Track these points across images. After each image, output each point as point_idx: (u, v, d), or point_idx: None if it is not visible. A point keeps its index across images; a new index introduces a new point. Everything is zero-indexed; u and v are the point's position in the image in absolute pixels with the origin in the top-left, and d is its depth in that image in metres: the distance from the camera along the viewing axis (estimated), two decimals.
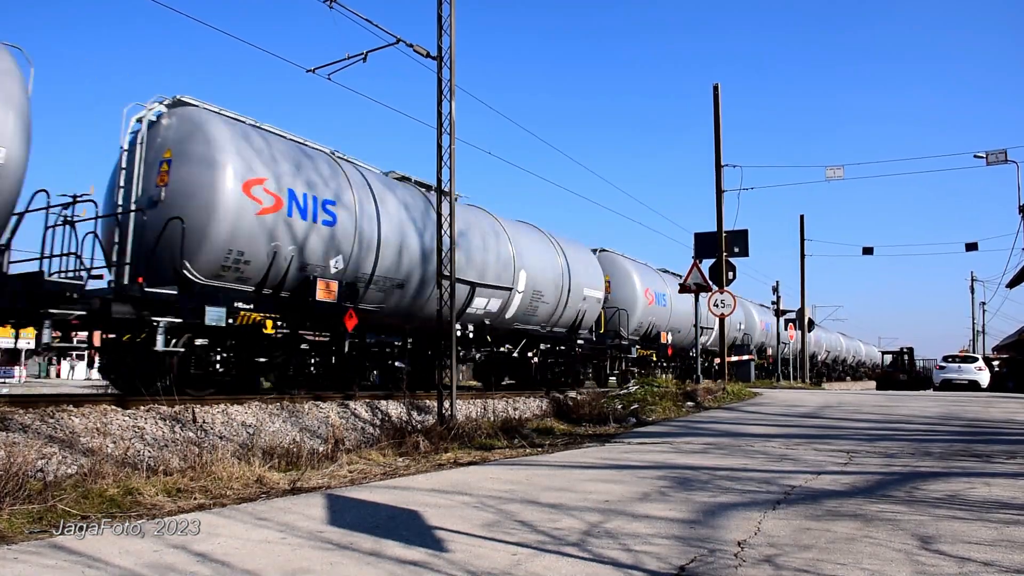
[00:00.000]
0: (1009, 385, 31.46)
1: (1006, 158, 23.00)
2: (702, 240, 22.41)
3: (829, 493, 5.61)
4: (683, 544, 3.99)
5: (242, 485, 5.89)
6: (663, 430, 10.97)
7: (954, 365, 31.74)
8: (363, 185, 14.20)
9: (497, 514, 4.77)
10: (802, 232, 38.01)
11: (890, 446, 8.70)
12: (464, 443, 9.24)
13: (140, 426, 9.17)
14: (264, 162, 12.07)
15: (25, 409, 8.66)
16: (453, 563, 3.62)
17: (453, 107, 11.72)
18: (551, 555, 3.78)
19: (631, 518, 4.66)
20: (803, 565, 3.56)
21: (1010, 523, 4.51)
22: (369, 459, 7.63)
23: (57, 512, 4.76)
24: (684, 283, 19.50)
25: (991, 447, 8.58)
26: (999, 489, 5.76)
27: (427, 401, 13.51)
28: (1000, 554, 3.77)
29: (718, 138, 23.19)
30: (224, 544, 3.93)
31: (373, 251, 13.83)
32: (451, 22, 11.73)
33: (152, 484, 5.54)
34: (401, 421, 11.33)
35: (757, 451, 8.25)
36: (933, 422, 12.12)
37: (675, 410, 14.10)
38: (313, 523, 4.46)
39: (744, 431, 10.85)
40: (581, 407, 13.78)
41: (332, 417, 11.44)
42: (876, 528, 4.36)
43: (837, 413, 13.74)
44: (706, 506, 5.05)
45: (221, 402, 10.75)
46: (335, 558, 3.69)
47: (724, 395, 17.51)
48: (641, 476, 6.44)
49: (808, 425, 11.67)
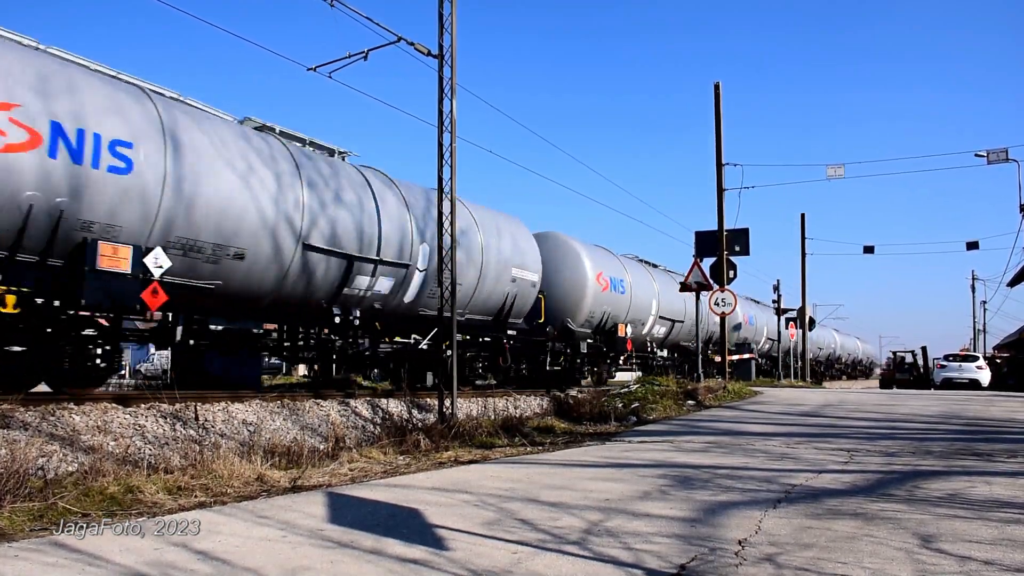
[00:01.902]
0: (1010, 383, 31.46)
1: (1007, 157, 22.98)
2: (703, 239, 22.41)
3: (830, 492, 5.61)
4: (684, 543, 3.99)
5: (243, 483, 5.90)
6: (664, 428, 10.97)
7: (955, 364, 31.74)
8: (188, 127, 10.86)
9: (498, 512, 4.77)
10: (803, 231, 37.99)
11: (891, 445, 8.70)
12: (465, 441, 9.24)
13: (141, 424, 9.17)
14: (18, 85, 8.98)
15: (26, 407, 8.66)
16: (454, 561, 3.62)
17: (454, 106, 11.71)
18: (552, 553, 3.78)
19: (632, 516, 4.66)
20: (804, 564, 3.56)
21: (1011, 522, 4.51)
22: (370, 457, 7.64)
23: (58, 510, 4.76)
24: (685, 282, 19.50)
25: (992, 446, 8.57)
26: (1000, 488, 5.76)
27: (428, 399, 13.52)
28: (1001, 553, 3.77)
29: (719, 137, 23.17)
30: (225, 542, 3.93)
31: (199, 210, 10.70)
32: (452, 21, 11.72)
33: (153, 482, 5.54)
34: (402, 419, 11.35)
35: (758, 450, 8.25)
36: (934, 421, 12.12)
37: (676, 408, 14.11)
38: (314, 521, 4.46)
39: (745, 430, 10.85)
40: (582, 405, 13.80)
41: (333, 415, 11.45)
42: (877, 527, 4.36)
43: (838, 412, 13.74)
44: (707, 505, 5.05)
45: (222, 400, 10.75)
46: (336, 556, 3.69)
47: (725, 394, 17.50)
48: (642, 475, 6.44)
49: (809, 424, 11.67)
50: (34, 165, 8.98)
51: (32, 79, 9.18)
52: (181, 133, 10.74)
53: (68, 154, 9.30)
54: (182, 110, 11.27)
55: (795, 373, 38.18)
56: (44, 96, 9.23)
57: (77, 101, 9.57)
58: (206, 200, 10.81)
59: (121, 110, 10.08)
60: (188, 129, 10.90)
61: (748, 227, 22.37)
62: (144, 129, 10.22)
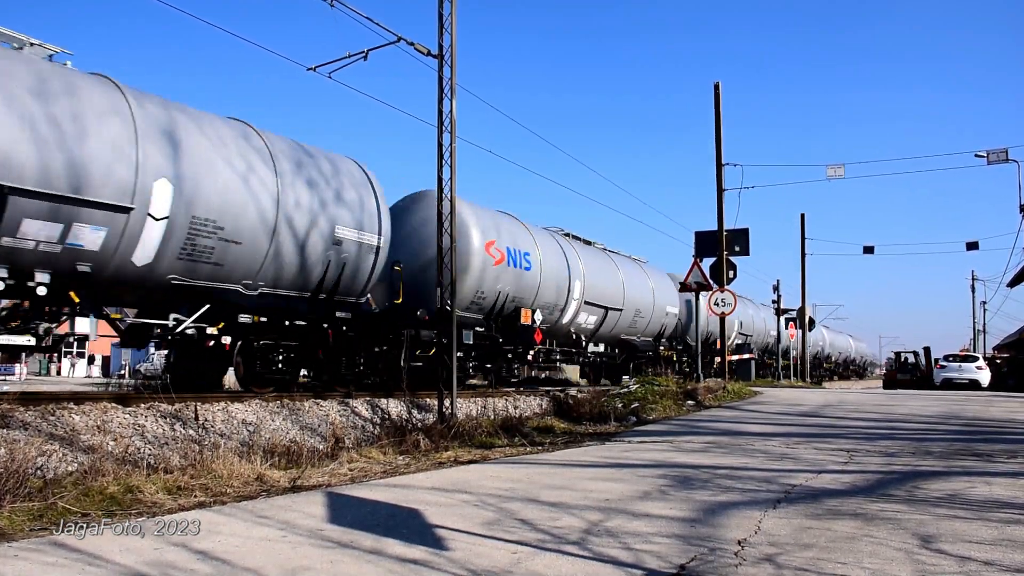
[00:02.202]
0: (1010, 384, 31.46)
1: (1007, 157, 22.99)
2: (703, 239, 22.40)
3: (830, 492, 5.61)
4: (683, 543, 3.99)
5: (242, 483, 5.90)
6: (664, 428, 10.97)
7: (955, 364, 31.77)
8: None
9: (497, 512, 4.77)
10: (803, 231, 38.01)
11: (890, 445, 8.70)
12: (464, 441, 9.24)
13: (141, 424, 9.17)
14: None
15: (26, 407, 8.66)
16: (453, 561, 3.62)
17: (454, 106, 11.71)
18: (551, 553, 3.78)
19: (631, 516, 4.66)
20: (804, 564, 3.56)
21: (1011, 522, 4.51)
22: (370, 457, 7.64)
23: (58, 510, 4.76)
24: (685, 282, 19.52)
25: (991, 446, 8.57)
26: (1000, 488, 5.76)
27: (428, 400, 13.52)
28: (1001, 553, 3.77)
29: (719, 137, 23.17)
30: (225, 542, 3.93)
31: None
32: (452, 21, 11.72)
33: (152, 482, 5.54)
34: (401, 419, 11.36)
35: (758, 450, 8.25)
36: (933, 421, 12.12)
37: (676, 409, 14.11)
38: (314, 521, 4.46)
39: (745, 430, 10.85)
40: (581, 405, 13.83)
41: (332, 415, 11.45)
42: (877, 527, 4.36)
43: (837, 412, 13.74)
44: (707, 505, 5.05)
45: (222, 400, 10.75)
46: (336, 556, 3.69)
47: (725, 394, 17.51)
48: (641, 475, 6.44)
49: (808, 424, 11.67)
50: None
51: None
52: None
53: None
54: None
55: (790, 373, 38.15)
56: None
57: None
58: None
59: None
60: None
61: (748, 227, 22.39)
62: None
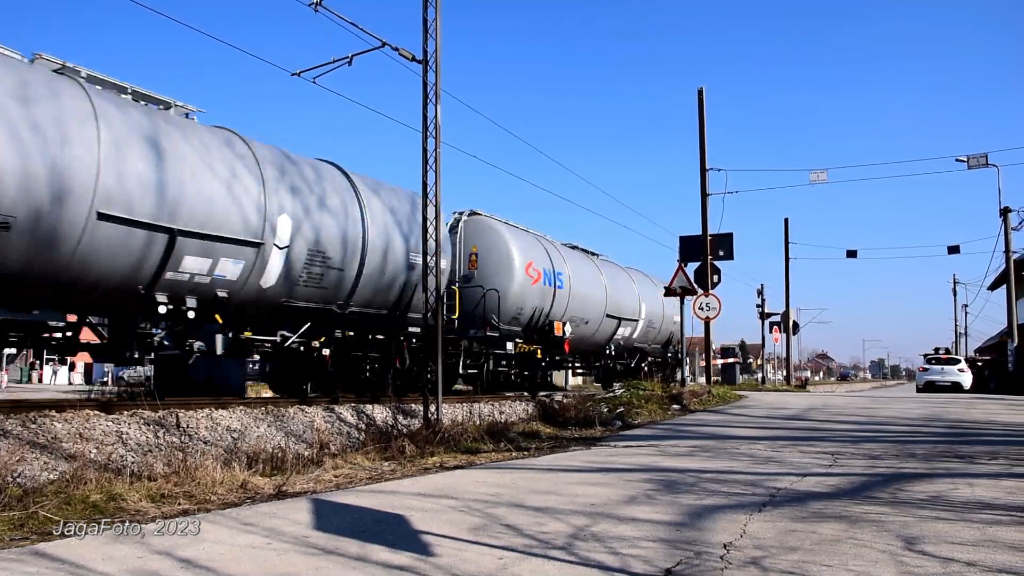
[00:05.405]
0: (991, 386, 31.79)
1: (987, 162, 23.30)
2: (687, 243, 22.50)
3: (815, 495, 5.64)
4: (669, 547, 4.00)
5: (227, 490, 5.85)
6: (649, 433, 10.99)
7: (937, 367, 32.09)
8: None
9: (483, 518, 4.76)
10: (786, 235, 38.31)
11: (874, 448, 8.76)
12: (450, 447, 9.21)
13: (123, 431, 9.08)
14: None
15: (6, 415, 8.56)
16: (439, 567, 3.60)
17: (438, 111, 11.71)
18: (538, 559, 3.78)
19: (617, 521, 4.66)
20: (789, 567, 3.58)
21: (992, 523, 4.55)
22: (355, 463, 7.60)
23: (39, 518, 4.70)
24: (670, 287, 19.58)
25: (973, 448, 8.65)
26: (982, 490, 5.81)
27: (413, 405, 13.48)
28: (983, 554, 3.81)
29: (703, 142, 23.31)
30: (209, 550, 3.90)
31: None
32: (437, 26, 11.72)
33: (136, 490, 5.48)
34: (387, 425, 11.32)
35: (743, 453, 8.28)
36: (916, 424, 12.22)
37: (661, 413, 14.14)
38: (299, 528, 4.43)
39: (730, 433, 10.89)
40: (567, 410, 13.79)
41: (317, 422, 11.39)
42: (861, 529, 4.39)
43: (822, 415, 13.82)
44: (692, 509, 5.06)
45: (206, 407, 10.67)
46: (321, 563, 3.67)
47: (710, 398, 17.58)
48: (627, 479, 6.45)
49: (794, 427, 11.73)
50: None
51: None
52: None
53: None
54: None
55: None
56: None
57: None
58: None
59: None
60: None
61: (732, 232, 22.54)
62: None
